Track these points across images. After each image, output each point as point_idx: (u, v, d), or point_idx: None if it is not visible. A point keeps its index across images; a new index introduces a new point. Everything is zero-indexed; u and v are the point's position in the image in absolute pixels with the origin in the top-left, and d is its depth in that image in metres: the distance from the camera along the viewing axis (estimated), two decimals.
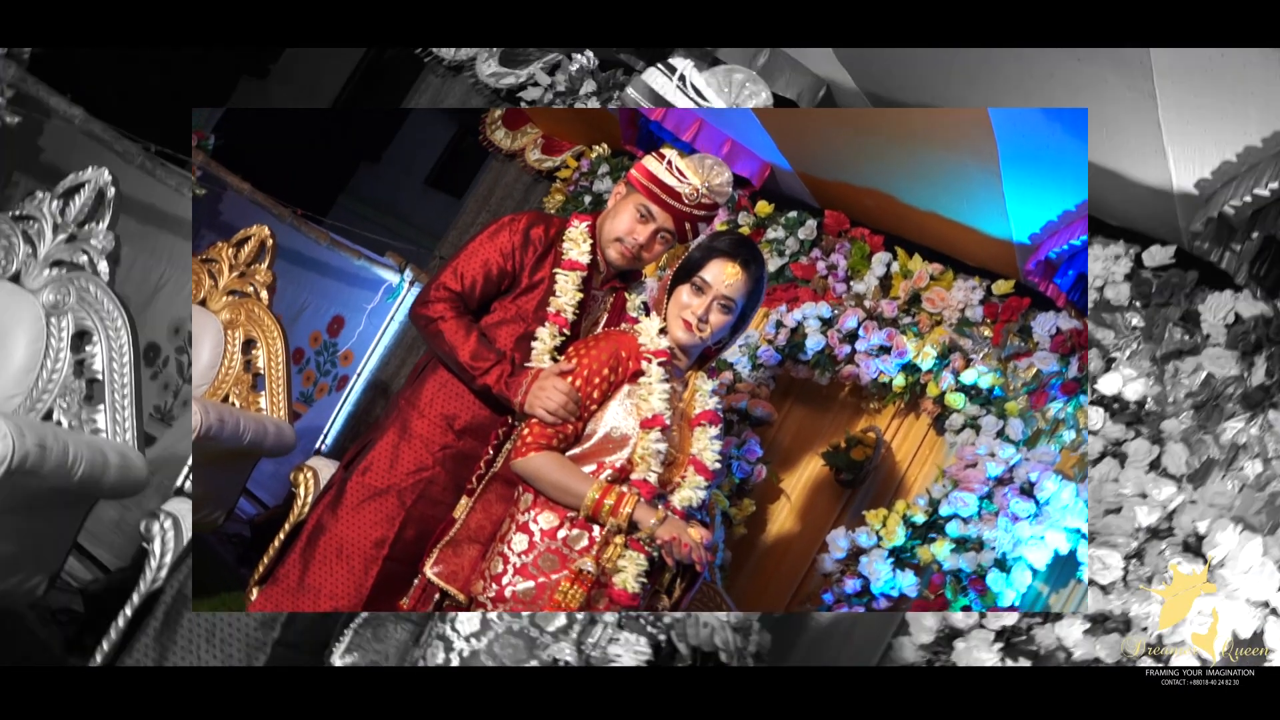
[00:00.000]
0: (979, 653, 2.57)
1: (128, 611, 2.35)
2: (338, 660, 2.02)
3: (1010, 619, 2.67)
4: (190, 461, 2.43)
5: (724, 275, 1.98)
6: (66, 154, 4.08)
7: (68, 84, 4.34)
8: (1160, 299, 2.78)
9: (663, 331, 2.02)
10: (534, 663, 1.79)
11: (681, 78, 2.60)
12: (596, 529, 1.91)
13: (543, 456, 1.92)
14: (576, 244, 2.16)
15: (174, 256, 3.63)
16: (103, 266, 2.91)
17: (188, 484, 2.53)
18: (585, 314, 2.19)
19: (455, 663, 1.82)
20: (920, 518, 3.02)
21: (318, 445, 5.22)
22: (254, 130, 7.21)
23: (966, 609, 2.84)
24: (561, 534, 1.90)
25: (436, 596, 2.01)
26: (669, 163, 2.09)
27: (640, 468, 1.92)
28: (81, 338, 2.85)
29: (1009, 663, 2.61)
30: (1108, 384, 2.77)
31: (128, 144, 4.14)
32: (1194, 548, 2.52)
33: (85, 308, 2.86)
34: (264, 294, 3.05)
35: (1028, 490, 2.94)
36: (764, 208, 3.73)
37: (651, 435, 1.93)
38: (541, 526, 1.90)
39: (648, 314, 2.10)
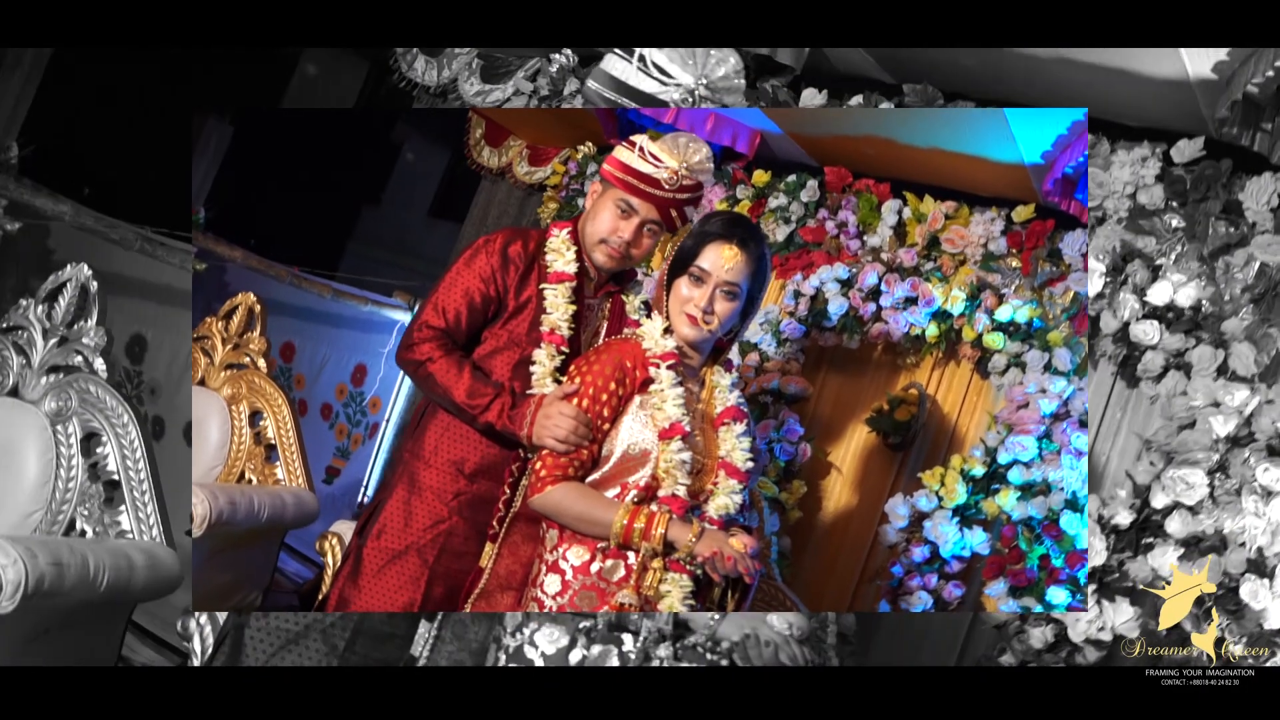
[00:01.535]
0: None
1: None
2: None
3: (1099, 558, 2.54)
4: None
5: (722, 260, 1.84)
6: (76, 252, 4.10)
7: (59, 177, 4.37)
8: (1197, 194, 2.64)
9: (668, 331, 1.88)
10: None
11: (642, 58, 2.45)
12: (632, 556, 1.78)
13: (561, 488, 1.79)
14: (560, 254, 2.02)
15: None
16: (98, 364, 2.86)
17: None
18: (583, 326, 2.05)
19: None
20: (979, 470, 2.86)
21: (360, 497, 5.18)
22: (249, 195, 7.22)
23: (1044, 558, 2.69)
24: (595, 568, 1.77)
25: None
26: (641, 149, 1.95)
27: (666, 482, 1.79)
28: (90, 440, 2.80)
29: (1104, 604, 2.49)
30: (1158, 293, 2.64)
31: (125, 230, 4.13)
32: None
33: (89, 409, 2.81)
34: (261, 362, 2.97)
35: (1087, 422, 2.78)
36: (761, 177, 3.58)
37: (673, 445, 1.79)
38: (572, 563, 1.77)
39: (649, 315, 1.96)
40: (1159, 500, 2.48)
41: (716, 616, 1.71)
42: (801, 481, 3.23)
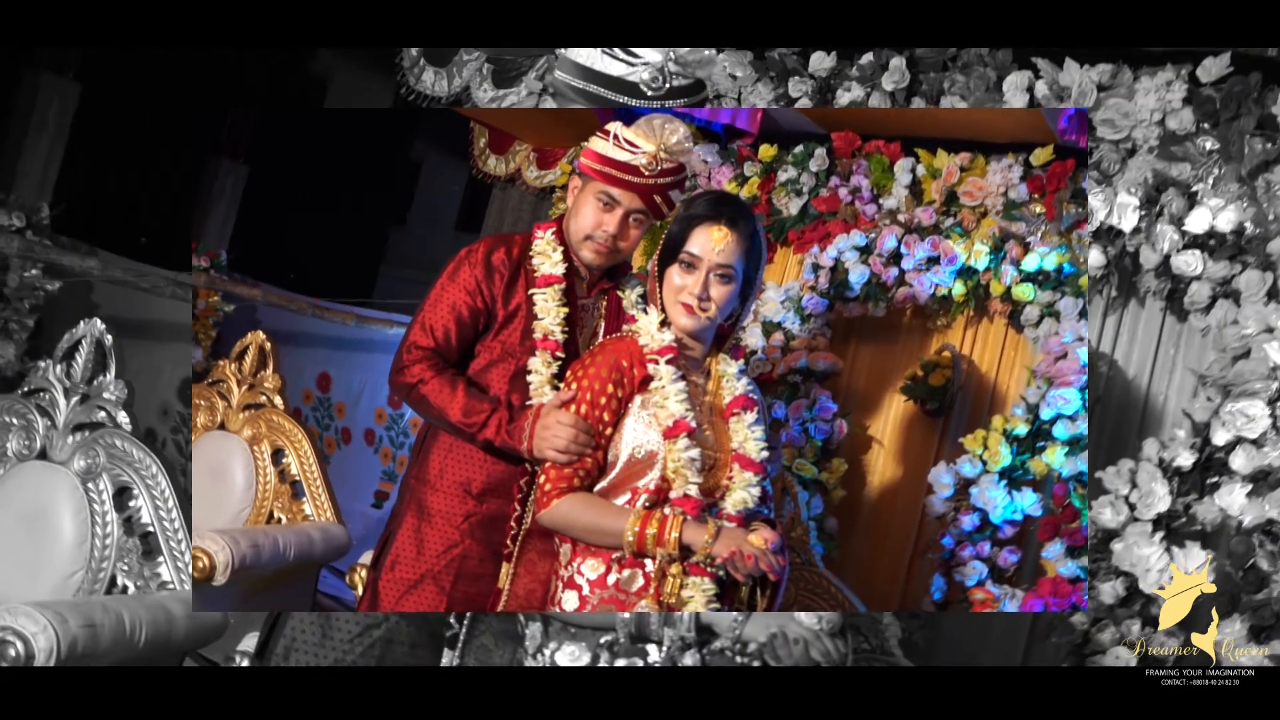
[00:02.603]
0: (1141, 549, 2.36)
1: None
2: None
3: (1163, 505, 2.42)
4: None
5: (711, 242, 1.75)
6: (118, 305, 4.16)
7: (96, 232, 4.43)
8: (1229, 113, 2.51)
9: (664, 324, 1.80)
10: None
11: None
12: (649, 564, 1.70)
13: (567, 501, 1.72)
14: (546, 255, 1.95)
15: None
16: (121, 417, 2.85)
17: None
18: (579, 328, 1.98)
19: None
20: (1022, 429, 2.73)
21: None
22: (275, 232, 7.27)
23: None
24: (612, 579, 1.69)
25: None
26: (616, 136, 1.87)
27: (677, 483, 1.70)
28: (122, 494, 2.80)
29: (1174, 550, 2.36)
30: (1196, 221, 2.52)
31: (155, 278, 4.17)
32: None
33: (117, 464, 2.81)
34: (278, 400, 2.94)
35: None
36: (767, 151, 3.48)
37: (679, 444, 1.70)
38: (588, 577, 1.70)
39: (647, 309, 1.87)
40: (1220, 437, 2.36)
41: (740, 618, 1.62)
42: (841, 459, 3.12)
